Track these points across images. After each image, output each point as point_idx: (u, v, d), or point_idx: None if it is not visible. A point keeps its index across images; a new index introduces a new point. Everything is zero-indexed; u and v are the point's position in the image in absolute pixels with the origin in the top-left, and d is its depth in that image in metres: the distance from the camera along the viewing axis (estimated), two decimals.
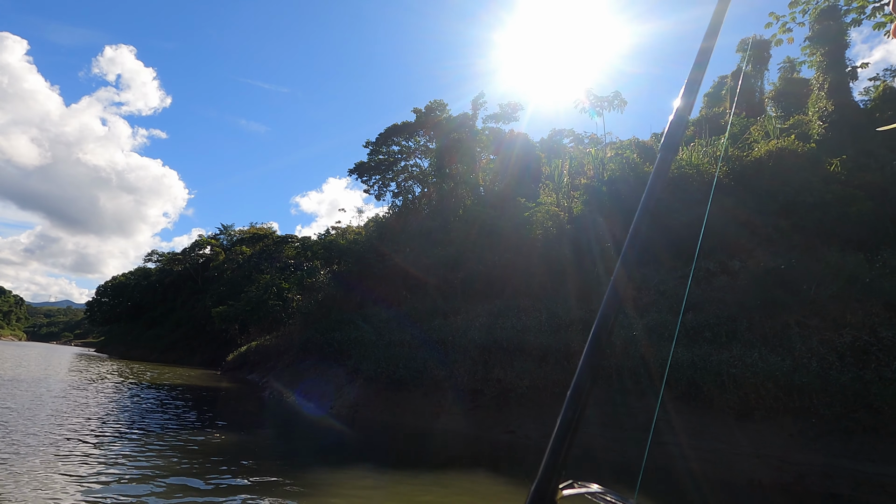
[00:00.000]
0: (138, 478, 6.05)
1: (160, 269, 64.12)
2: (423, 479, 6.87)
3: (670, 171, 13.08)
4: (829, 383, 9.51)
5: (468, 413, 11.90)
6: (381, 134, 33.94)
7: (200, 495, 5.67)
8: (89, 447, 7.51)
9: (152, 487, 5.72)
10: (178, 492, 5.70)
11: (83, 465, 6.47)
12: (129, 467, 6.50)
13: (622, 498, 0.75)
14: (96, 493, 5.47)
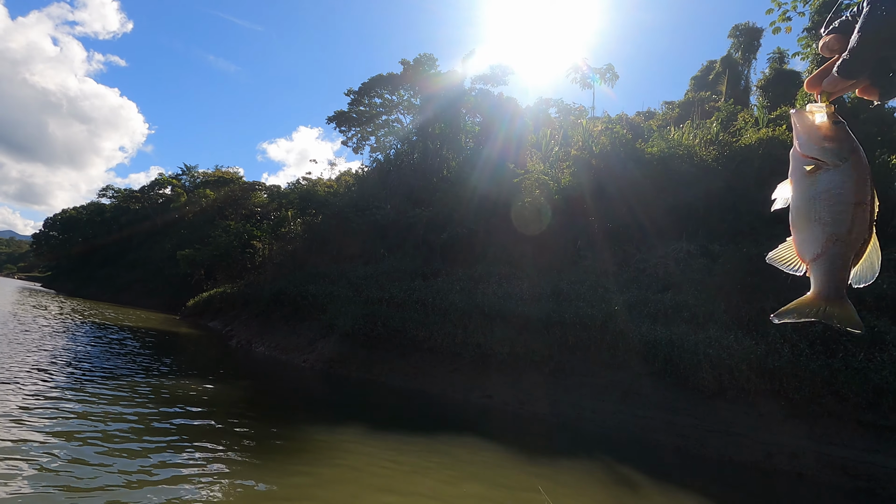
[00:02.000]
0: (119, 432, 5.61)
1: (115, 207, 60.76)
2: (417, 443, 6.72)
3: (662, 150, 12.81)
4: (800, 369, 9.87)
5: (446, 376, 11.84)
6: (364, 83, 32.48)
7: (191, 453, 5.32)
8: (50, 392, 6.96)
9: (133, 445, 5.31)
10: (168, 450, 5.32)
11: (44, 413, 5.96)
12: (105, 418, 6.03)
13: None
14: (66, 448, 5.03)
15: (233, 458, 5.31)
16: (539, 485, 5.05)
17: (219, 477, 4.81)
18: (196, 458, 5.17)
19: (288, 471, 5.12)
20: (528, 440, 7.59)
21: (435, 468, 5.65)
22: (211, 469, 4.95)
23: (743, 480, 7.56)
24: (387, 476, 5.21)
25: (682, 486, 6.28)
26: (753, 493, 7.02)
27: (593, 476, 6.02)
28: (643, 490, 5.81)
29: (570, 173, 17.72)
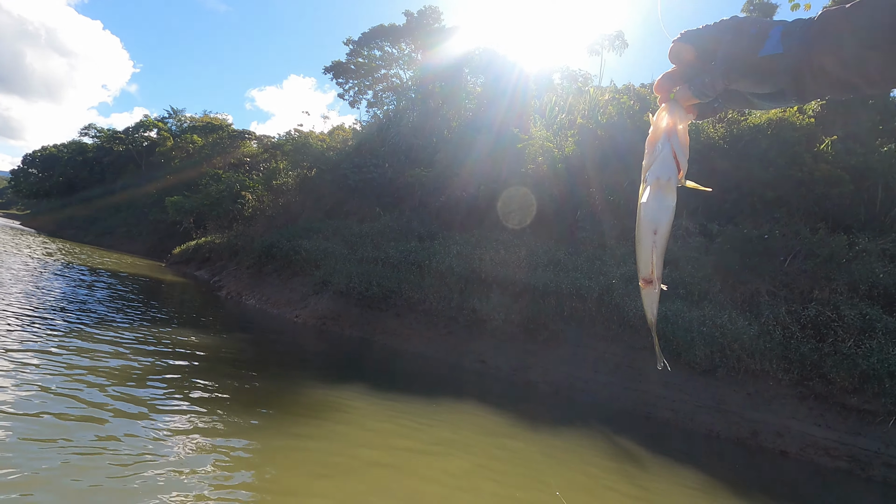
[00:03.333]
0: (129, 386, 5.45)
1: (98, 147, 58.65)
2: (418, 406, 6.69)
3: None
4: (790, 351, 10.06)
5: (441, 339, 11.85)
6: (364, 34, 31.13)
7: (206, 405, 5.19)
8: (41, 336, 6.74)
9: (145, 395, 5.15)
10: (182, 401, 5.18)
11: (33, 361, 5.76)
12: (107, 368, 5.85)
13: None
14: (61, 392, 4.85)
15: (237, 413, 5.21)
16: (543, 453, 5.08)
17: (219, 431, 4.72)
18: (199, 408, 5.06)
19: (292, 432, 5.05)
20: (525, 407, 7.66)
21: (439, 437, 5.63)
22: (215, 425, 4.84)
23: (730, 455, 7.76)
24: (390, 443, 5.17)
25: (677, 458, 6.41)
26: (739, 467, 7.20)
27: (596, 447, 6.10)
28: (644, 461, 5.90)
29: (574, 142, 17.37)
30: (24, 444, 3.86)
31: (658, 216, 0.74)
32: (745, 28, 0.69)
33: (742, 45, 0.68)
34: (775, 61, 0.66)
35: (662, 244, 0.74)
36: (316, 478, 4.29)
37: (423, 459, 4.84)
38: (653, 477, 5.41)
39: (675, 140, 0.75)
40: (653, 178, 0.76)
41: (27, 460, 3.66)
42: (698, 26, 0.75)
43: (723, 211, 15.04)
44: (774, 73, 0.66)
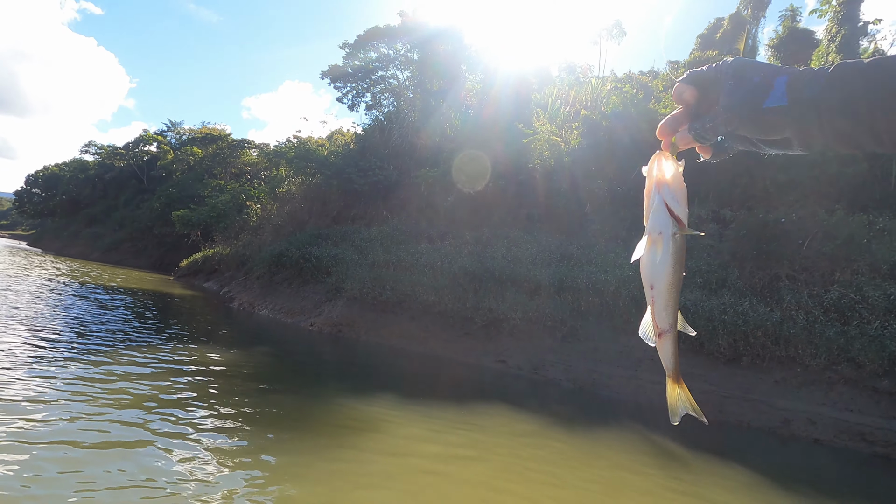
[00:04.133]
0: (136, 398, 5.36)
1: (99, 164, 58.77)
2: (446, 410, 6.59)
3: (667, 110, 12.40)
4: (815, 336, 9.89)
5: (458, 340, 11.74)
6: (360, 36, 30.89)
7: (234, 421, 5.10)
8: (63, 359, 6.66)
9: (186, 423, 5.06)
10: (210, 419, 5.09)
11: (64, 382, 5.68)
12: (142, 389, 5.77)
13: None
14: (97, 417, 4.77)
15: (266, 429, 5.11)
16: (590, 459, 4.96)
17: (260, 450, 4.62)
18: (228, 426, 4.97)
19: (324, 444, 4.95)
20: (556, 408, 7.54)
21: (474, 440, 5.53)
22: (248, 447, 4.75)
23: (764, 446, 7.61)
24: (447, 456, 5.07)
25: (714, 452, 6.27)
26: (776, 458, 7.06)
27: (634, 447, 5.98)
28: (683, 458, 5.78)
29: (579, 134, 17.21)
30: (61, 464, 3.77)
31: (651, 272, 0.74)
32: (748, 75, 0.68)
33: (745, 94, 0.67)
34: (780, 113, 0.64)
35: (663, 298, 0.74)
36: (356, 488, 4.19)
37: (464, 464, 4.74)
38: (697, 474, 5.29)
39: (665, 191, 0.73)
40: (647, 233, 0.75)
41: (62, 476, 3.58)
42: (702, 67, 0.75)
43: (734, 197, 14.86)
44: (779, 125, 0.65)
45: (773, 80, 0.66)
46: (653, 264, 0.74)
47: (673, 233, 0.73)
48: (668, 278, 0.74)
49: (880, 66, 0.60)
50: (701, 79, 0.73)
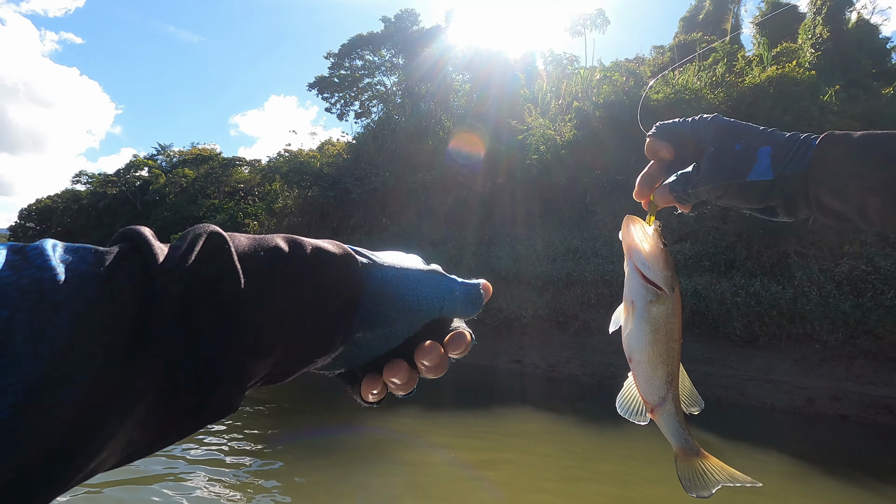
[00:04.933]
0: None
1: (92, 192, 58.46)
2: (472, 416, 6.49)
3: (668, 95, 12.32)
4: (830, 311, 9.81)
5: None
6: (344, 45, 30.90)
7: (259, 444, 4.97)
8: None
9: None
10: (259, 443, 4.97)
11: None
12: None
13: None
14: None
15: (296, 453, 4.99)
16: (626, 455, 4.85)
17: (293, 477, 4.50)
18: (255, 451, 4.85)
19: (358, 458, 4.83)
20: (579, 406, 7.44)
21: (510, 444, 5.42)
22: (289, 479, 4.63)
23: (791, 427, 7.52)
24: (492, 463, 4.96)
25: (745, 439, 6.17)
26: (806, 439, 6.97)
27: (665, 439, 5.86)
28: (716, 447, 5.66)
29: (572, 126, 17.13)
30: None
31: (628, 343, 0.70)
32: (729, 142, 0.66)
33: (728, 165, 0.65)
34: (765, 187, 0.62)
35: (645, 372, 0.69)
36: (391, 499, 4.08)
37: (496, 469, 4.63)
38: (729, 461, 5.18)
39: (637, 257, 0.69)
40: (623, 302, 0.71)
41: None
42: (674, 120, 0.73)
43: None
44: (764, 196, 0.64)
45: (757, 151, 0.63)
46: (629, 335, 0.70)
47: (649, 300, 0.67)
48: (648, 350, 0.68)
49: (870, 144, 0.58)
50: (677, 135, 0.71)
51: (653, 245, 0.69)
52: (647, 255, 0.69)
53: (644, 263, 0.69)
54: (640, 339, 0.68)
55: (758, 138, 0.65)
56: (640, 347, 0.69)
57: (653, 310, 0.68)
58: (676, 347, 0.69)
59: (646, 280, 0.68)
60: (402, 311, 0.49)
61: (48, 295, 0.27)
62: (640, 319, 0.68)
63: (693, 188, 0.69)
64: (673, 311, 0.68)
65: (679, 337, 0.69)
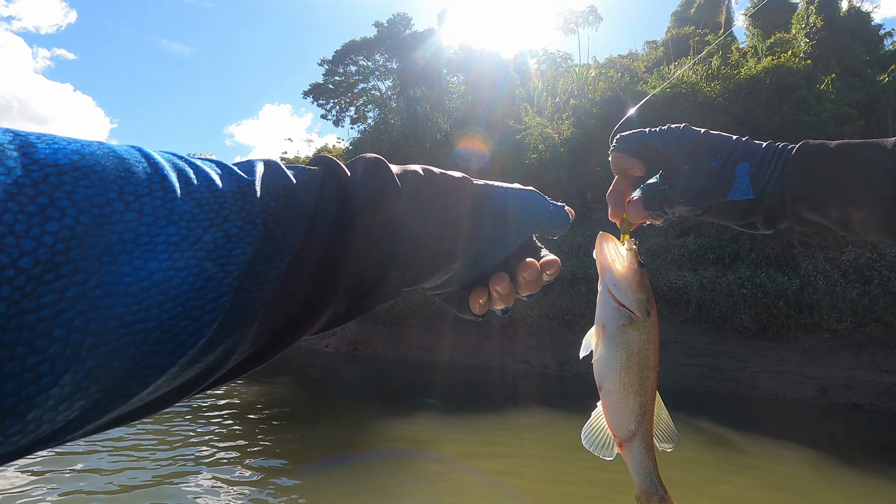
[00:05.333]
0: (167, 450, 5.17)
1: None
2: (487, 420, 6.43)
3: (664, 91, 12.28)
4: (837, 299, 9.78)
5: (476, 345, 11.58)
6: (337, 51, 30.89)
7: (296, 458, 4.91)
8: None
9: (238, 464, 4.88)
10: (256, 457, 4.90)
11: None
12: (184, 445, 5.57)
13: None
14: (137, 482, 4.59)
15: (320, 464, 4.93)
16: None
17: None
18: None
19: (385, 469, 4.78)
20: (592, 405, 7.36)
21: (533, 453, 5.37)
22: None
23: (804, 417, 7.47)
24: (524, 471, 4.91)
25: (761, 432, 6.12)
26: (821, 429, 6.92)
27: (686, 436, 5.82)
28: (735, 442, 5.63)
29: (570, 124, 17.12)
30: None
31: (598, 369, 0.66)
32: (704, 159, 0.63)
33: (706, 184, 0.62)
34: (747, 206, 0.61)
35: (615, 402, 0.64)
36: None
37: (517, 475, 4.57)
38: (750, 455, 5.15)
39: (609, 278, 0.66)
40: (595, 326, 0.67)
41: None
42: (639, 130, 0.70)
43: None
44: (746, 214, 0.62)
45: (735, 169, 0.61)
46: (598, 361, 0.66)
47: (621, 324, 0.64)
48: (620, 379, 0.64)
49: (847, 156, 0.57)
50: (645, 150, 0.68)
51: (626, 266, 0.66)
52: (619, 277, 0.66)
53: (616, 285, 0.65)
54: (611, 365, 0.65)
55: (734, 153, 0.62)
56: (611, 375, 0.65)
57: (625, 334, 0.64)
58: (651, 377, 0.65)
59: (618, 303, 0.65)
60: (510, 222, 0.54)
61: (294, 196, 0.39)
62: (611, 344, 0.65)
63: (670, 207, 0.67)
64: (648, 336, 0.65)
65: (655, 365, 0.65)
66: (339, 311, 0.44)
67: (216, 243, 0.33)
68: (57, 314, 0.26)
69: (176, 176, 0.34)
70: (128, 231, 0.29)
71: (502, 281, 0.54)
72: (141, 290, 0.29)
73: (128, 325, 0.29)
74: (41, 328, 0.25)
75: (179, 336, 0.31)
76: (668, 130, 0.67)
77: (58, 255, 0.26)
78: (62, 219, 0.27)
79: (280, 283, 0.36)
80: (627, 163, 0.69)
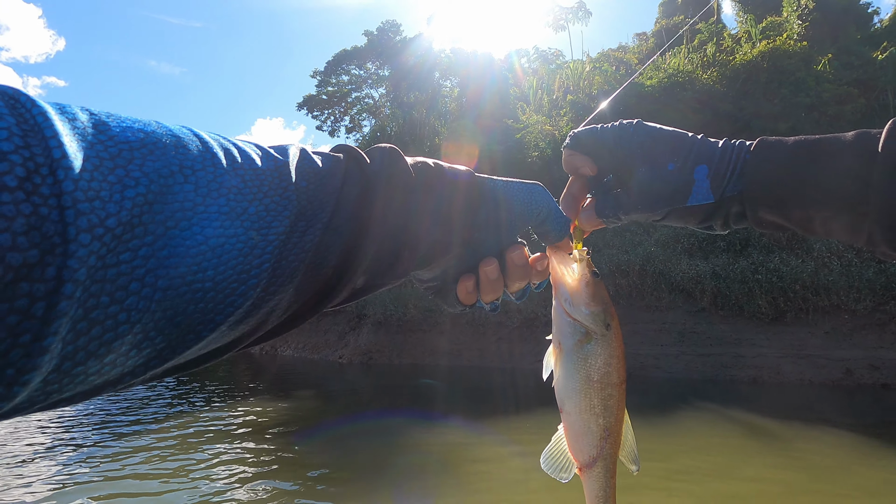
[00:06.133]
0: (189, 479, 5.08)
1: None
2: (517, 424, 6.34)
3: (661, 80, 12.19)
4: (854, 279, 9.71)
5: (492, 347, 11.49)
6: (329, 62, 30.93)
7: (330, 480, 4.82)
8: (86, 455, 6.37)
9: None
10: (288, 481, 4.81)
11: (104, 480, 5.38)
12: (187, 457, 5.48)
13: None
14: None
15: (359, 484, 4.84)
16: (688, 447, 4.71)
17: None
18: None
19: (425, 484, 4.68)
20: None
21: None
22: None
23: (833, 400, 7.37)
24: None
25: (795, 417, 6.02)
26: (850, 411, 6.82)
27: (719, 427, 5.73)
28: (771, 430, 5.54)
29: (568, 119, 17.09)
30: None
31: (558, 389, 0.61)
32: (660, 160, 0.60)
33: (664, 188, 0.59)
34: (707, 210, 0.59)
35: (576, 425, 0.60)
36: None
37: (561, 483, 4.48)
38: (793, 446, 5.05)
39: (562, 293, 0.61)
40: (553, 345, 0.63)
41: None
42: (591, 127, 0.66)
43: None
44: (706, 218, 0.60)
45: (693, 172, 0.58)
46: (557, 381, 0.61)
47: (577, 340, 0.59)
48: (579, 400, 0.59)
49: (805, 153, 0.54)
50: (597, 147, 0.64)
51: (577, 278, 0.61)
52: (570, 290, 0.60)
53: (567, 299, 0.60)
54: (571, 385, 0.60)
55: (691, 154, 0.59)
56: (571, 396, 0.60)
57: (583, 351, 0.60)
58: (616, 395, 0.60)
59: (571, 317, 0.60)
60: (507, 212, 0.55)
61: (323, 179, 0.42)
62: (568, 363, 0.60)
63: (626, 213, 0.63)
64: (609, 351, 0.60)
65: (620, 382, 0.60)
66: (358, 285, 0.46)
67: (258, 215, 0.37)
68: (132, 270, 0.29)
69: (223, 153, 0.37)
70: (187, 200, 0.33)
71: (491, 264, 0.54)
72: (199, 253, 0.33)
73: (188, 283, 0.32)
74: (121, 281, 0.29)
75: (230, 296, 0.35)
76: (621, 127, 0.64)
77: (134, 218, 0.30)
78: (136, 187, 0.30)
79: (312, 254, 0.40)
80: (579, 161, 0.65)
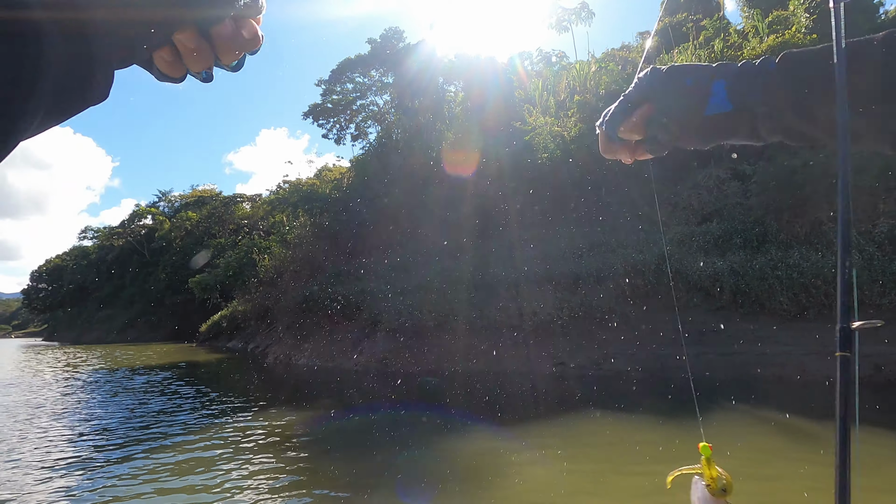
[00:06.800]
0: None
1: (99, 247, 58.92)
2: (544, 429, 6.24)
3: None
4: (876, 273, 9.53)
5: (508, 350, 11.38)
6: (333, 70, 31.09)
7: (360, 490, 4.76)
8: (113, 457, 6.34)
9: None
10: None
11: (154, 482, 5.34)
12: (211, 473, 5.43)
13: None
14: None
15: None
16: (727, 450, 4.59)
17: None
18: None
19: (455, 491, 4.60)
20: (647, 404, 7.16)
21: (604, 455, 5.19)
22: None
23: (863, 398, 7.19)
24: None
25: (827, 417, 5.88)
26: (883, 409, 6.65)
27: (753, 428, 5.62)
28: (804, 429, 5.42)
29: (576, 120, 17.01)
30: None
31: None
32: (679, 77, 0.62)
33: (681, 100, 0.61)
34: (726, 120, 0.60)
35: None
36: None
37: (599, 482, 4.39)
38: (823, 441, 4.93)
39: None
40: None
41: None
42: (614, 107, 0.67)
43: (748, 150, 14.56)
44: (724, 130, 0.61)
45: (711, 86, 0.59)
46: None
47: None
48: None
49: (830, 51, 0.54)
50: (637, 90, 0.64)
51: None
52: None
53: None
54: None
55: (710, 73, 0.60)
56: None
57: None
58: None
59: None
60: None
61: None
62: None
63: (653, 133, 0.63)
64: None
65: None
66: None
67: None
68: None
69: None
70: None
71: (185, 30, 0.45)
72: None
73: None
74: None
75: None
76: (639, 79, 0.64)
77: None
78: None
79: None
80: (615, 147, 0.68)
